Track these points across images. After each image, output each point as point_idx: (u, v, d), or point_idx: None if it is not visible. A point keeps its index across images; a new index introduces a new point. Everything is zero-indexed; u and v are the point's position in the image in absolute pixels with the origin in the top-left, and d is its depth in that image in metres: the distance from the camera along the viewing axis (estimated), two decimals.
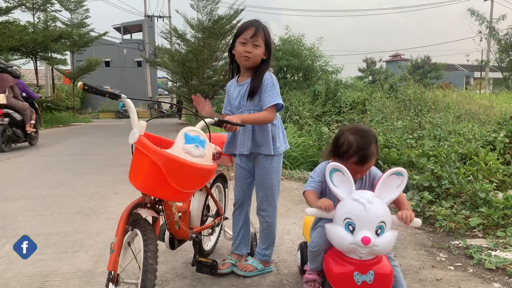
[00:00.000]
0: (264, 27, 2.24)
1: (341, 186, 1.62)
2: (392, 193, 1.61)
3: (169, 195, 1.66)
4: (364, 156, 1.70)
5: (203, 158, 1.66)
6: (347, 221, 1.53)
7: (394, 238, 1.56)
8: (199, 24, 15.62)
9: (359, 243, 1.48)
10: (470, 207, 3.56)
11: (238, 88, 2.35)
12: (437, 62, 35.52)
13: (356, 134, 1.73)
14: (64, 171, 6.01)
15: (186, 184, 1.62)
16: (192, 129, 1.70)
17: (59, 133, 14.52)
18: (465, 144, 5.23)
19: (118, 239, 1.64)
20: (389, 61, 44.55)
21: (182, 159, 1.58)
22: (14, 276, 2.37)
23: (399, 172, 1.61)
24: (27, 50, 17.92)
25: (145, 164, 1.59)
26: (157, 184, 1.60)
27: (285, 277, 2.38)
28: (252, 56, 2.22)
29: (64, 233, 3.15)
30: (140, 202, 1.75)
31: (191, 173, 1.61)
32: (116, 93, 1.74)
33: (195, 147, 1.64)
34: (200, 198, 2.48)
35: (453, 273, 2.47)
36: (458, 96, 10.51)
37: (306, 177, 5.54)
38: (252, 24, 2.22)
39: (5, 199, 4.28)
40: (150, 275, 1.55)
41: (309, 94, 12.53)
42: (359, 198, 1.54)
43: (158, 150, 1.58)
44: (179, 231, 2.13)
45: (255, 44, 2.21)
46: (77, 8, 24.22)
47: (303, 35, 16.90)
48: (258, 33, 2.20)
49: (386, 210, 1.56)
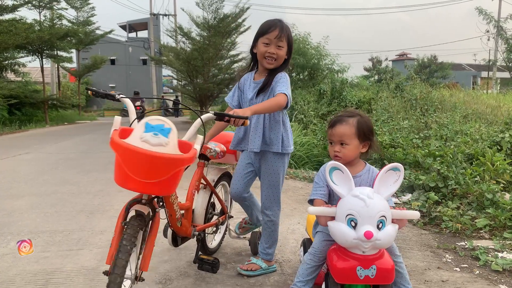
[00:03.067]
0: (287, 27, 2.21)
1: (341, 184, 1.65)
2: (390, 188, 1.65)
3: (136, 187, 1.60)
4: (335, 121, 1.83)
5: (164, 146, 1.59)
6: (349, 217, 1.56)
7: (395, 231, 1.59)
8: (205, 22, 15.60)
9: (362, 238, 1.51)
10: (476, 208, 3.53)
11: (253, 85, 2.31)
12: (443, 61, 35.27)
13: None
14: (69, 168, 6.03)
15: (145, 173, 1.55)
16: (155, 118, 1.66)
17: (65, 130, 14.59)
18: (472, 144, 5.19)
19: (116, 234, 1.68)
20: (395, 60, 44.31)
21: (135, 147, 1.54)
22: (18, 273, 2.37)
23: (396, 167, 1.65)
24: (33, 48, 18.00)
25: (115, 157, 1.60)
26: (123, 175, 1.58)
27: (289, 277, 2.37)
28: (277, 57, 2.19)
29: (69, 231, 3.15)
30: (137, 198, 1.76)
31: (149, 162, 1.54)
32: (111, 94, 1.89)
33: (154, 136, 1.58)
34: (204, 196, 2.46)
35: (459, 275, 2.45)
36: (465, 96, 10.43)
37: (311, 176, 5.52)
38: (277, 24, 2.17)
39: (11, 196, 4.30)
40: (121, 255, 1.57)
41: (315, 93, 12.48)
42: (359, 194, 1.57)
43: (116, 140, 1.56)
44: (181, 228, 2.13)
45: (278, 45, 2.17)
46: (83, 6, 24.34)
47: (309, 33, 16.84)
48: (282, 34, 2.16)
49: (385, 204, 1.60)
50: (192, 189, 2.28)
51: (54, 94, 21.91)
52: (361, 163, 1.87)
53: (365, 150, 1.84)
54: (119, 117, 1.69)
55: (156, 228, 1.78)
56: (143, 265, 1.71)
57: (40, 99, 18.43)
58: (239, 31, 16.33)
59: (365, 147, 1.83)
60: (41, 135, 12.45)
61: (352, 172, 1.73)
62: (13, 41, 13.45)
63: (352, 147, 1.79)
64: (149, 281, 2.25)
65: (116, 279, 1.55)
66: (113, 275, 1.55)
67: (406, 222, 1.71)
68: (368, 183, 1.79)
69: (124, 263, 1.57)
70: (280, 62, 2.23)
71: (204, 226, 2.41)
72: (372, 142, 1.84)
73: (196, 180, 2.33)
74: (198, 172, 2.36)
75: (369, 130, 1.83)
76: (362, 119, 1.83)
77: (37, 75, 24.99)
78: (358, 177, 1.80)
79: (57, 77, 24.18)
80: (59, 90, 23.72)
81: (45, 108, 18.52)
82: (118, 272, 1.55)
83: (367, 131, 1.81)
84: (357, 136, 1.79)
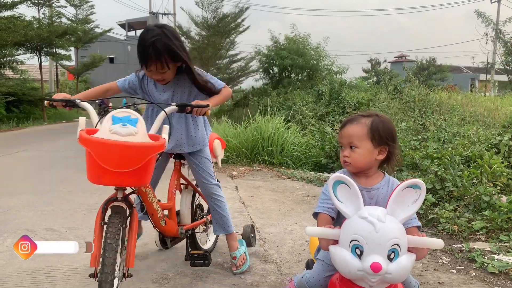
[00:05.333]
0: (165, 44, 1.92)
1: (346, 201, 1.38)
2: (407, 209, 1.36)
3: (112, 180, 1.63)
4: (346, 120, 1.58)
5: (134, 135, 1.62)
6: (353, 244, 1.30)
7: (411, 263, 1.32)
8: (204, 21, 15.64)
9: (368, 270, 1.25)
10: (473, 210, 3.53)
11: (161, 88, 2.18)
12: (442, 63, 35.41)
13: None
14: (66, 167, 6.02)
15: (119, 164, 1.57)
16: (121, 111, 1.68)
17: (62, 128, 14.56)
18: (470, 146, 5.20)
19: (96, 236, 1.68)
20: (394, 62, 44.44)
21: (107, 139, 1.57)
22: (15, 271, 2.37)
23: (415, 184, 1.35)
24: (31, 46, 18.00)
25: (86, 155, 1.62)
26: (98, 171, 1.60)
27: (286, 277, 2.37)
28: (164, 78, 2.08)
29: (66, 229, 3.14)
30: (112, 197, 1.76)
31: (121, 152, 1.57)
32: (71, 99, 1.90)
33: (122, 126, 1.61)
34: (187, 196, 2.47)
35: (455, 276, 2.45)
36: (463, 98, 10.48)
37: (309, 177, 5.52)
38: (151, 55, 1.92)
39: (7, 194, 4.29)
40: (108, 253, 1.58)
41: (313, 94, 12.49)
42: (367, 216, 1.30)
43: (85, 137, 1.59)
44: (166, 228, 2.14)
45: (161, 71, 2.02)
46: (82, 4, 24.35)
47: (308, 34, 16.86)
48: (160, 63, 1.96)
49: (400, 230, 1.32)
50: (172, 189, 2.30)
51: (52, 92, 21.86)
52: (379, 174, 1.57)
53: (383, 158, 1.52)
54: (84, 118, 1.71)
55: (135, 223, 1.78)
56: (128, 261, 1.71)
57: (38, 97, 18.40)
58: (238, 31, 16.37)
59: (382, 153, 1.51)
60: (38, 133, 12.42)
61: (367, 184, 1.51)
62: (11, 38, 13.43)
63: (363, 151, 1.49)
64: (146, 280, 2.25)
65: (107, 278, 1.55)
66: (104, 275, 1.55)
67: (426, 252, 1.41)
68: (387, 198, 1.48)
69: (112, 261, 1.58)
70: (172, 78, 2.12)
71: (192, 225, 2.42)
72: (391, 147, 1.52)
73: (174, 179, 2.34)
74: (175, 171, 2.38)
75: (387, 133, 1.51)
76: (379, 119, 1.52)
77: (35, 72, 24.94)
78: (374, 190, 1.52)
79: (56, 75, 24.17)
80: (57, 88, 23.70)
81: (42, 106, 18.49)
82: (108, 270, 1.56)
83: (384, 133, 1.50)
84: (370, 138, 1.49)
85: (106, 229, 1.65)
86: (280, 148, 6.65)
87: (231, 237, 2.49)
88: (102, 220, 1.72)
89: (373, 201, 1.49)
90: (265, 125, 6.86)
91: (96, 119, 1.80)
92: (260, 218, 3.58)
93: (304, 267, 2.12)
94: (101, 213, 1.73)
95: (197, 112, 1.94)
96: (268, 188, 4.89)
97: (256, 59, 17.27)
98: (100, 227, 1.70)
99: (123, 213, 1.73)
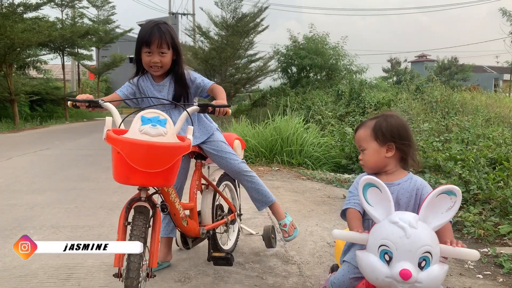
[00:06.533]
0: (167, 30, 2.11)
1: (377, 205, 1.33)
2: (441, 216, 1.30)
3: (140, 180, 1.64)
4: (357, 127, 1.65)
5: (164, 136, 1.64)
6: (382, 249, 1.25)
7: (443, 273, 1.27)
8: (223, 21, 15.67)
9: (397, 277, 1.20)
10: (500, 214, 3.44)
11: (157, 87, 2.25)
12: (464, 63, 34.64)
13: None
14: (89, 165, 6.12)
15: (150, 164, 1.58)
16: (149, 111, 1.69)
17: (84, 127, 14.84)
18: (495, 148, 5.07)
19: (119, 236, 1.69)
20: (415, 62, 43.73)
21: (138, 140, 1.58)
22: (41, 267, 2.42)
23: (450, 190, 1.30)
24: (55, 46, 18.42)
25: (114, 155, 1.63)
26: (126, 171, 1.60)
27: (308, 279, 2.35)
28: (162, 65, 2.14)
29: (89, 227, 3.20)
30: (135, 197, 1.77)
31: (151, 152, 1.58)
32: (95, 100, 1.92)
33: (152, 127, 1.62)
34: (208, 196, 2.47)
35: (482, 282, 2.39)
36: (487, 99, 10.22)
37: (329, 178, 5.48)
38: (155, 32, 2.07)
39: (32, 191, 4.39)
40: (133, 258, 1.58)
41: (332, 94, 12.39)
42: (398, 221, 1.25)
43: (115, 137, 1.59)
44: (188, 228, 2.15)
45: (161, 52, 2.11)
46: (103, 5, 24.74)
47: (327, 34, 16.75)
48: (163, 41, 2.08)
49: (432, 237, 1.27)
50: (193, 189, 2.30)
51: (74, 91, 22.32)
52: (402, 172, 1.57)
53: (391, 154, 1.53)
54: (110, 118, 1.72)
55: (158, 224, 1.78)
56: (151, 261, 1.71)
57: (61, 96, 18.82)
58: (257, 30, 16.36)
59: (390, 150, 1.53)
60: (61, 131, 12.69)
61: (388, 180, 1.50)
62: (36, 39, 13.74)
63: (370, 152, 1.55)
64: (168, 279, 2.27)
65: (132, 282, 1.56)
66: (129, 279, 1.55)
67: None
68: (408, 193, 1.49)
69: (137, 265, 1.58)
70: (167, 68, 2.19)
71: (213, 225, 2.42)
72: (397, 144, 1.53)
73: (195, 179, 2.35)
74: (196, 171, 2.38)
75: (391, 130, 1.53)
76: (383, 119, 1.57)
77: (58, 72, 25.49)
78: (395, 185, 1.51)
79: (77, 74, 24.62)
80: (78, 87, 24.14)
81: (65, 105, 18.89)
82: (133, 275, 1.56)
83: (387, 131, 1.53)
84: (374, 137, 1.54)
85: (131, 232, 1.65)
86: (299, 149, 6.62)
87: (275, 207, 2.52)
88: (126, 220, 1.72)
89: (393, 196, 1.44)
90: (284, 125, 6.83)
91: (119, 120, 1.81)
92: None
93: (328, 271, 2.09)
94: (125, 213, 1.73)
95: (219, 112, 1.96)
96: (287, 188, 4.87)
97: (275, 59, 17.25)
98: (124, 227, 1.71)
99: (146, 213, 1.73)
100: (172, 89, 2.25)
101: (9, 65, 14.25)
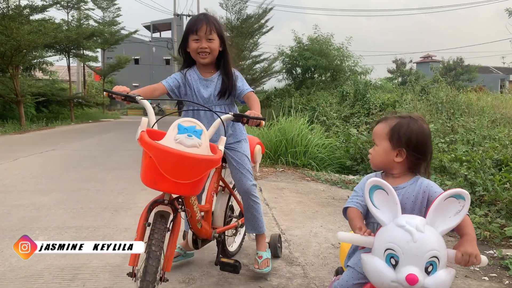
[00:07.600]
0: (214, 19, 2.21)
1: (383, 208, 1.30)
2: (449, 221, 1.27)
3: (168, 187, 1.62)
4: (378, 120, 1.60)
5: (198, 148, 1.62)
6: (388, 253, 1.22)
7: (450, 279, 1.23)
8: (228, 23, 15.71)
9: (403, 282, 1.18)
10: (506, 215, 3.42)
11: (204, 82, 2.27)
12: (470, 64, 34.43)
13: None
14: (94, 166, 6.15)
15: (180, 174, 1.57)
16: (187, 120, 1.68)
17: (89, 128, 14.90)
18: (501, 149, 5.04)
19: (138, 235, 1.68)
20: (420, 63, 43.52)
21: (172, 148, 1.56)
22: (46, 267, 2.43)
23: (459, 194, 1.27)
24: (60, 47, 18.50)
25: (145, 158, 1.61)
26: (155, 176, 1.59)
27: (312, 280, 2.35)
28: (210, 51, 2.18)
29: (94, 227, 3.21)
30: (159, 199, 1.76)
31: (183, 163, 1.56)
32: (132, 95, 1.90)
33: (188, 137, 1.61)
34: (223, 199, 2.47)
35: (487, 284, 2.38)
36: (493, 100, 10.15)
37: (333, 179, 5.47)
38: (202, 20, 2.16)
39: (38, 191, 4.41)
40: (151, 261, 1.58)
41: (337, 95, 12.38)
42: (405, 225, 1.23)
43: (150, 142, 1.57)
44: (201, 230, 2.14)
45: (209, 38, 2.17)
46: (109, 7, 24.86)
47: (332, 35, 16.73)
48: (210, 28, 2.15)
49: (440, 242, 1.24)
50: (211, 191, 2.29)
51: (79, 93, 22.44)
52: (408, 175, 1.50)
53: (400, 160, 1.47)
54: (146, 118, 1.69)
55: (178, 229, 1.78)
56: (166, 265, 1.71)
57: (66, 97, 18.92)
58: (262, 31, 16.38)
59: (399, 156, 1.46)
60: (66, 133, 12.75)
61: (395, 183, 1.46)
62: (42, 40, 13.81)
63: (380, 149, 1.49)
64: (173, 280, 2.27)
65: (148, 286, 1.55)
66: (145, 282, 1.55)
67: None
68: (414, 197, 1.44)
69: (155, 269, 1.58)
70: (215, 55, 2.23)
71: (224, 228, 2.42)
72: (409, 153, 1.45)
73: (214, 182, 2.33)
74: (216, 174, 2.37)
75: (407, 136, 1.45)
76: (404, 121, 1.48)
77: (64, 73, 25.66)
78: (400, 189, 1.46)
79: (83, 75, 24.76)
80: (84, 88, 24.27)
81: (70, 106, 19.02)
82: (150, 279, 1.56)
83: (404, 136, 1.45)
84: (389, 138, 1.47)
85: (151, 235, 1.63)
86: (303, 150, 6.61)
87: (262, 237, 2.50)
88: (146, 221, 1.72)
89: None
90: (289, 126, 6.83)
91: (154, 119, 1.79)
92: (284, 220, 3.57)
93: (333, 274, 2.09)
94: (146, 214, 1.72)
95: (252, 123, 1.93)
96: (292, 189, 4.87)
97: (279, 60, 17.25)
98: (143, 228, 1.70)
99: (167, 216, 1.72)
100: (219, 86, 2.26)
101: (16, 66, 14.34)
